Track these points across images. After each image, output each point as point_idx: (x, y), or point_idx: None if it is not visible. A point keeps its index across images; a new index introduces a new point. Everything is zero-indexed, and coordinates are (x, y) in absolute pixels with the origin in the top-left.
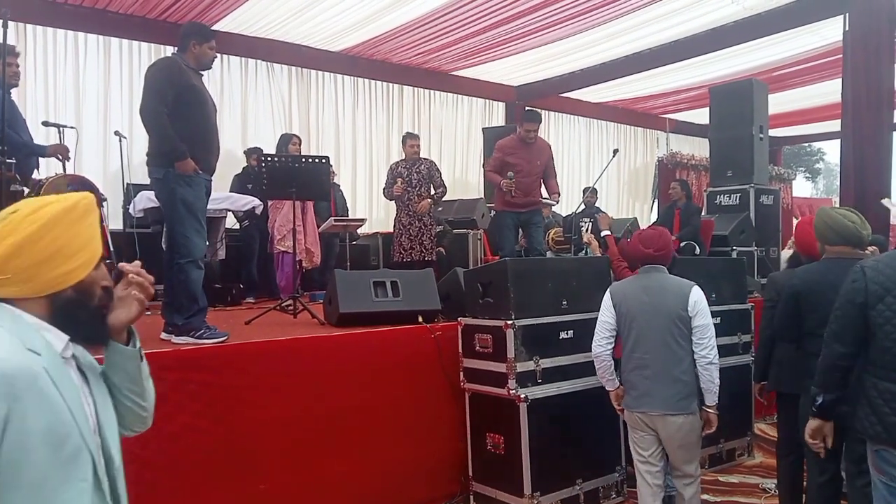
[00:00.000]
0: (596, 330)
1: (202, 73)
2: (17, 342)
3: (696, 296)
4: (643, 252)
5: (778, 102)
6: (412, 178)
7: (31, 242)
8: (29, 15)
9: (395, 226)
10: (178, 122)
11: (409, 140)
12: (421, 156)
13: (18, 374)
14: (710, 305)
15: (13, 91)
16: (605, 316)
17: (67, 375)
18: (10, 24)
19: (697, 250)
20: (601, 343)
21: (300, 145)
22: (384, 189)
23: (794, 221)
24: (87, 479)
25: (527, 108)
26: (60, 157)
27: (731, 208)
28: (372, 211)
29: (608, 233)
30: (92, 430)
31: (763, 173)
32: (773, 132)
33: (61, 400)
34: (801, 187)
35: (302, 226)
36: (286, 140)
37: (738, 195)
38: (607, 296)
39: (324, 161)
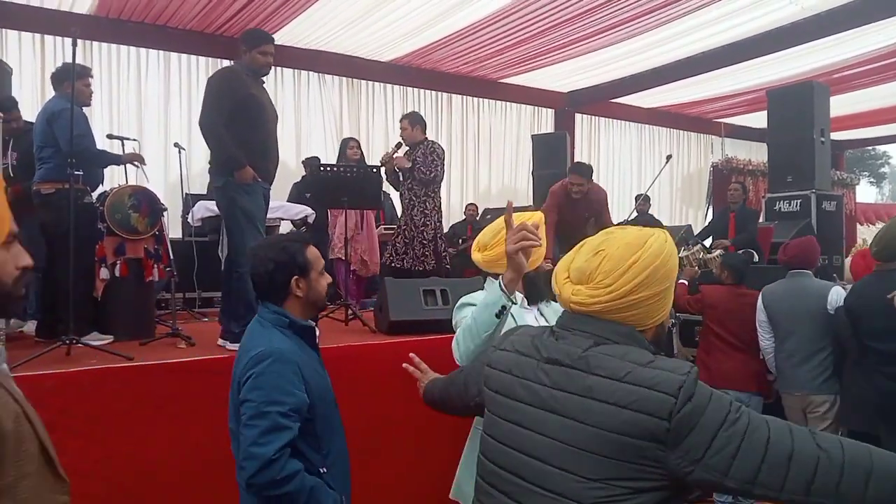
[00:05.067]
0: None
1: (262, 80)
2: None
3: (835, 294)
4: (780, 258)
5: (840, 105)
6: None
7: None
8: (95, 33)
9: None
10: (237, 130)
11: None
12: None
13: None
14: None
15: (84, 107)
16: (760, 315)
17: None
18: (78, 41)
19: (756, 257)
20: (763, 338)
21: (358, 148)
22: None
23: (859, 228)
24: None
25: (576, 161)
26: (137, 164)
27: (791, 215)
28: None
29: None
30: None
31: (825, 178)
32: (834, 135)
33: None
34: (866, 193)
35: (361, 235)
36: (345, 144)
37: (799, 201)
38: (759, 298)
39: (375, 171)
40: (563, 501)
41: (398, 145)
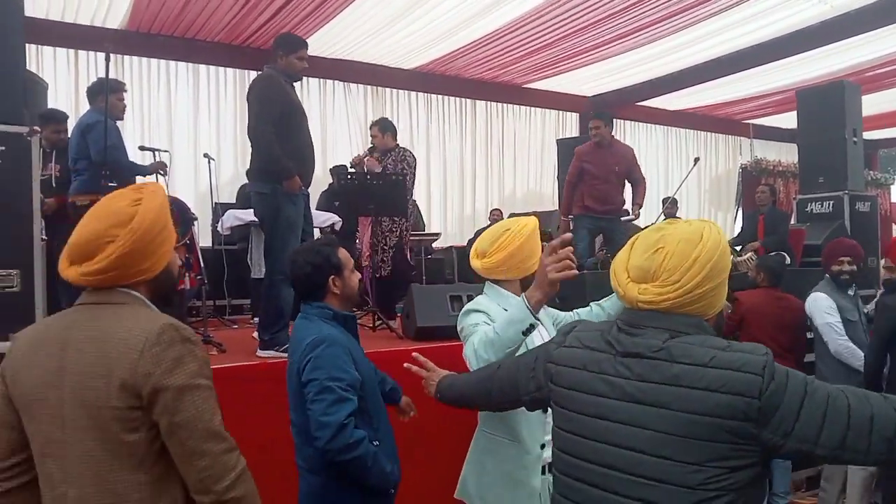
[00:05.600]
0: None
1: (294, 84)
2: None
3: (808, 303)
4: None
5: (873, 103)
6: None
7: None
8: (126, 47)
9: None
10: (282, 138)
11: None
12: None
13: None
14: None
15: (117, 121)
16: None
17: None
18: (110, 56)
19: (788, 260)
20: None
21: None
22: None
23: (895, 229)
24: None
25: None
26: (162, 173)
27: (823, 216)
28: (447, 225)
29: None
30: None
31: (858, 179)
32: (867, 135)
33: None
34: None
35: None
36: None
37: (832, 202)
38: None
39: (400, 178)
40: (663, 487)
41: (371, 149)
